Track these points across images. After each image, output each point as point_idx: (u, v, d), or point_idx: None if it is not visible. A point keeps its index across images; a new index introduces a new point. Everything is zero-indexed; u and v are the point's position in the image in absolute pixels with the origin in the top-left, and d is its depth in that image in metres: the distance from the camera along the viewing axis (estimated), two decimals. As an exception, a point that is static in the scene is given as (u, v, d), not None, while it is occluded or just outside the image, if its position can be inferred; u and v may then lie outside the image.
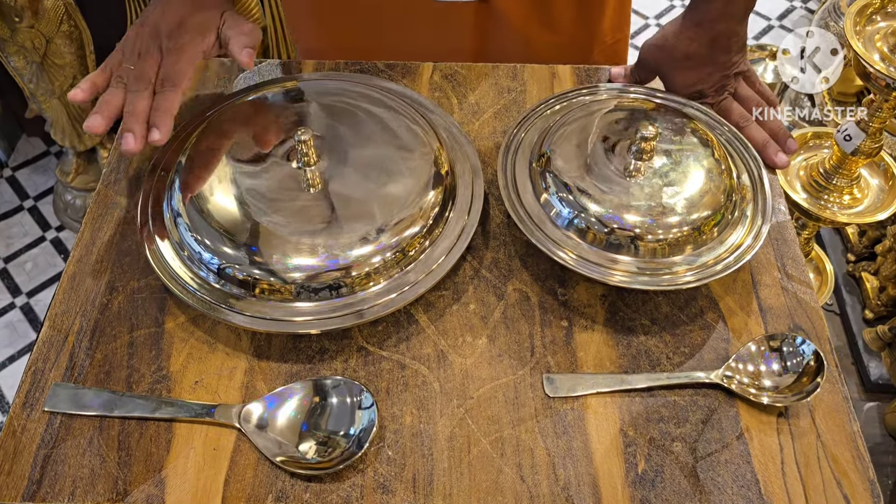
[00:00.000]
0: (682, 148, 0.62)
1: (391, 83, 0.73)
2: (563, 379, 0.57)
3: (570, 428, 0.55)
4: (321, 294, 0.57)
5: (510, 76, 0.79)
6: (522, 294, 0.62)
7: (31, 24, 1.38)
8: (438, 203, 0.62)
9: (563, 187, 0.61)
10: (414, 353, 0.59)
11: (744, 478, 0.53)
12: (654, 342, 0.60)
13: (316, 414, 0.53)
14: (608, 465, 0.53)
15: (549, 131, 0.65)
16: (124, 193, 0.68)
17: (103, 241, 0.65)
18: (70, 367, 0.57)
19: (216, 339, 0.59)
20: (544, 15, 0.84)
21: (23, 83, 1.49)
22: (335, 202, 0.60)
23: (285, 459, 0.51)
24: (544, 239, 0.60)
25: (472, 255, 0.64)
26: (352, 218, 0.59)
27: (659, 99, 0.70)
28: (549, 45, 0.85)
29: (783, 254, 0.65)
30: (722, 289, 0.63)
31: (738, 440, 0.55)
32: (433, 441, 0.54)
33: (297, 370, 0.58)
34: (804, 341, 0.57)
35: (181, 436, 0.54)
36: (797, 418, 0.56)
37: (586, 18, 0.86)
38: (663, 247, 0.59)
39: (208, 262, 0.58)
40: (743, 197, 0.62)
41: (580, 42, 0.88)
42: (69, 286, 0.62)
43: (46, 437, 0.54)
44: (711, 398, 0.57)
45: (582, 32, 0.87)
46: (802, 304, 0.62)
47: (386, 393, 0.56)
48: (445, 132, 0.68)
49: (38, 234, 1.80)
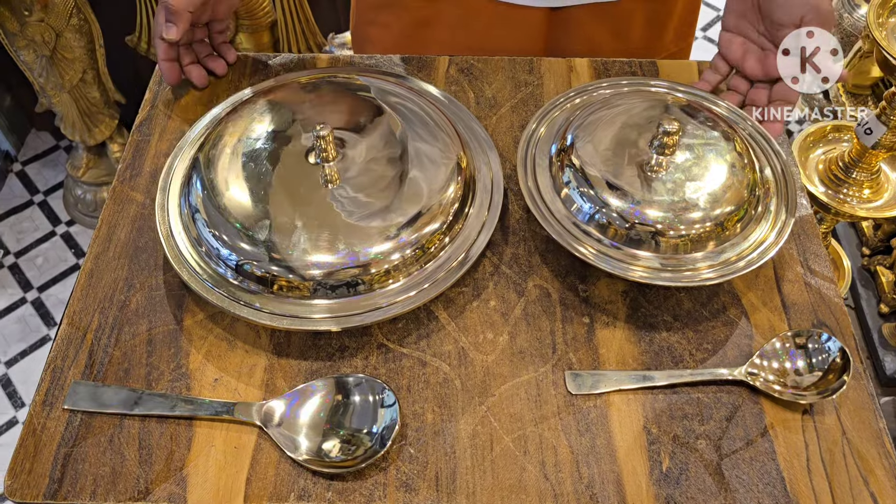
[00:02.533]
0: (705, 142, 0.61)
1: (408, 77, 0.73)
2: (585, 376, 0.56)
3: (592, 425, 0.54)
4: (340, 291, 0.57)
5: (527, 70, 0.78)
6: (543, 290, 0.61)
7: (41, 18, 1.37)
8: (458, 199, 0.61)
9: (585, 182, 0.60)
10: (434, 350, 0.58)
11: (769, 475, 0.52)
12: (676, 339, 0.59)
13: (339, 412, 0.53)
14: (632, 462, 0.53)
15: (570, 125, 0.64)
16: (140, 189, 0.68)
17: (120, 238, 0.64)
18: (89, 365, 0.57)
19: (235, 336, 0.59)
20: (614, 23, 0.85)
21: (32, 77, 1.48)
22: (354, 198, 0.59)
23: (308, 458, 0.51)
24: (565, 234, 0.59)
25: (492, 251, 0.64)
26: (371, 214, 0.59)
27: (681, 93, 0.69)
28: (614, 52, 0.86)
29: (806, 249, 0.64)
30: (744, 284, 0.62)
31: (763, 437, 0.54)
32: (455, 439, 0.54)
33: (317, 368, 0.57)
34: (830, 338, 0.56)
35: (202, 434, 0.54)
36: (822, 415, 0.55)
37: (654, 26, 0.87)
38: (685, 242, 0.58)
39: (226, 259, 0.58)
40: (766, 191, 0.61)
41: (645, 49, 0.89)
42: (87, 283, 0.62)
43: (67, 435, 0.54)
44: (735, 395, 0.56)
45: (648, 40, 0.88)
46: (826, 300, 0.61)
47: (407, 390, 0.56)
48: (464, 126, 0.68)
49: (49, 228, 1.80)
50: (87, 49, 1.48)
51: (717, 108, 0.68)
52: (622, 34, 0.87)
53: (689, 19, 0.90)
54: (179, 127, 0.73)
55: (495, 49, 0.84)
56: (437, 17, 0.86)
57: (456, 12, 0.85)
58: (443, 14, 0.86)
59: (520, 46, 0.86)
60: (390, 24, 0.90)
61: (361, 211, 0.59)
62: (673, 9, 0.87)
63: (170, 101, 0.75)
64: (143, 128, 0.73)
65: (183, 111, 0.74)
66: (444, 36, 0.87)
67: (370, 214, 0.59)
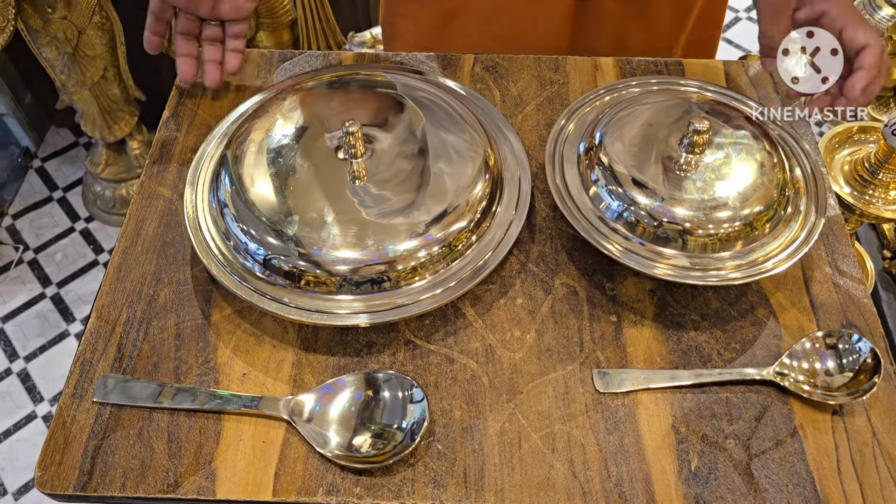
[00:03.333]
0: (734, 141, 0.61)
1: (434, 74, 0.73)
2: (613, 374, 0.56)
3: (621, 424, 0.54)
4: (367, 287, 0.57)
5: (552, 68, 0.78)
6: (570, 288, 0.61)
7: (64, 16, 1.38)
8: (486, 196, 0.61)
9: (613, 180, 0.60)
10: (462, 347, 0.58)
11: (799, 476, 0.52)
12: (704, 338, 0.59)
13: (369, 407, 0.53)
14: (661, 461, 0.53)
15: (599, 123, 0.64)
16: (167, 185, 0.68)
17: (148, 232, 0.65)
18: (118, 359, 0.57)
19: (263, 331, 0.59)
20: (641, 14, 0.85)
21: (54, 74, 1.49)
22: (382, 195, 0.59)
23: (338, 453, 0.51)
24: (593, 231, 0.59)
25: (519, 249, 0.64)
26: (398, 211, 0.59)
27: (710, 92, 0.69)
28: (640, 43, 0.87)
29: (834, 249, 0.64)
30: (773, 284, 0.62)
31: (793, 438, 0.54)
32: (483, 436, 0.54)
33: (344, 363, 0.57)
34: (860, 339, 0.56)
35: (230, 428, 0.54)
36: (852, 416, 0.55)
37: (680, 15, 0.87)
38: (714, 242, 0.58)
39: (255, 253, 0.58)
40: (797, 191, 0.61)
41: (670, 38, 0.89)
42: (115, 277, 0.62)
43: (96, 427, 0.54)
44: (764, 395, 0.56)
45: (673, 29, 0.88)
46: (855, 301, 0.61)
47: (435, 387, 0.56)
48: (491, 124, 0.68)
49: (68, 224, 1.81)
50: (109, 46, 1.49)
51: (745, 109, 0.67)
52: (648, 24, 0.87)
53: (715, 6, 0.89)
54: (206, 123, 0.73)
55: (523, 40, 0.84)
56: (464, 9, 0.86)
57: (484, 4, 0.85)
58: (470, 6, 0.86)
59: (547, 37, 0.86)
60: (418, 16, 0.90)
61: (389, 208, 0.59)
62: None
63: (196, 98, 0.75)
64: (170, 123, 0.73)
65: (209, 107, 0.75)
66: (471, 27, 0.87)
67: (397, 211, 0.59)
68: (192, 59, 0.74)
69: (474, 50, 0.80)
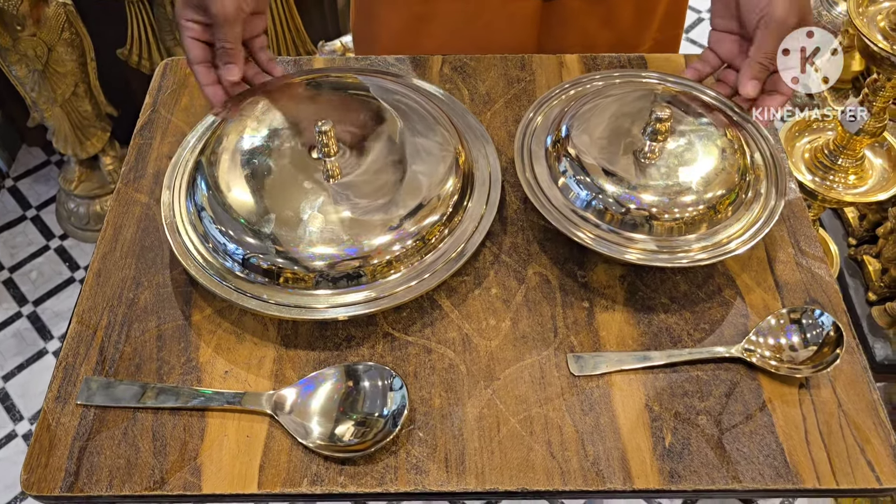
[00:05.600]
0: (696, 128, 0.63)
1: (404, 74, 0.74)
2: (587, 358, 0.58)
3: (596, 405, 0.56)
4: (344, 282, 0.58)
5: (519, 66, 0.80)
6: (543, 277, 0.63)
7: (33, 33, 1.38)
8: (457, 191, 0.63)
9: (581, 170, 0.62)
10: (439, 337, 0.59)
11: (769, 447, 0.54)
12: (674, 319, 0.61)
13: (350, 397, 0.54)
14: (636, 439, 0.54)
15: (565, 116, 0.66)
16: (144, 191, 0.69)
17: (126, 237, 0.66)
18: (100, 362, 0.58)
19: (243, 329, 0.60)
20: (605, 14, 0.87)
21: (25, 92, 1.49)
22: (356, 192, 0.61)
23: (321, 443, 0.52)
24: (563, 220, 0.61)
25: (492, 241, 0.65)
26: (372, 207, 0.60)
27: (671, 82, 0.71)
28: (606, 43, 0.88)
29: (796, 231, 0.66)
30: (738, 266, 0.64)
31: (762, 412, 0.56)
32: (463, 422, 0.55)
33: (324, 357, 0.58)
34: (822, 313, 0.58)
35: (214, 425, 0.55)
36: (818, 389, 0.57)
37: (643, 15, 0.89)
38: (679, 225, 0.60)
39: (233, 253, 0.59)
40: (757, 176, 0.63)
41: (635, 38, 0.91)
42: (95, 283, 0.63)
43: (81, 429, 0.55)
44: (733, 372, 0.58)
45: (638, 28, 0.90)
46: (817, 279, 0.63)
47: (414, 377, 0.57)
48: (460, 121, 0.69)
49: (42, 242, 1.80)
50: (79, 63, 1.49)
51: (706, 97, 0.69)
52: (612, 23, 0.88)
53: (677, 6, 0.92)
54: (180, 129, 0.74)
55: (492, 43, 0.86)
56: (433, 13, 0.88)
57: (453, 7, 0.87)
58: (439, 9, 0.87)
59: (515, 39, 0.88)
60: (390, 21, 0.91)
61: (362, 204, 0.60)
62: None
63: (170, 105, 0.76)
64: (145, 131, 0.74)
65: (184, 113, 0.76)
66: (442, 32, 0.88)
67: (371, 207, 0.60)
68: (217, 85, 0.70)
69: (445, 54, 0.82)
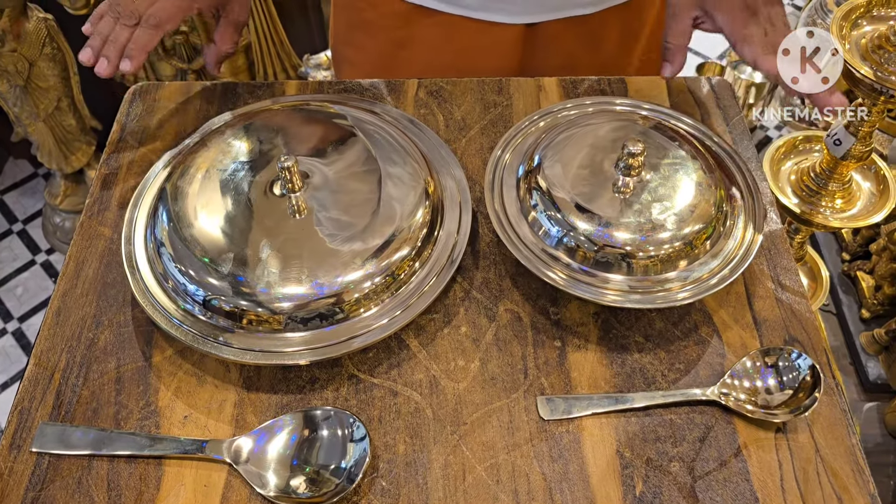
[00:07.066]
0: (671, 161, 0.61)
1: (376, 102, 0.73)
2: (557, 401, 0.56)
3: (565, 451, 0.54)
4: (310, 324, 0.56)
5: (496, 90, 0.78)
6: (514, 314, 0.61)
7: (14, 48, 1.37)
8: (427, 223, 0.61)
9: (552, 205, 0.60)
10: (406, 379, 0.58)
11: (743, 496, 0.52)
12: (648, 359, 0.59)
13: (306, 447, 0.52)
14: (605, 488, 0.52)
15: (536, 148, 0.64)
16: (108, 224, 0.67)
17: (88, 274, 0.64)
18: (57, 406, 0.56)
19: (205, 371, 0.58)
20: (589, 37, 0.86)
21: (7, 107, 1.48)
22: (321, 228, 0.59)
23: (277, 495, 0.50)
24: (534, 259, 0.59)
25: (463, 276, 0.63)
26: (338, 244, 0.58)
27: (645, 111, 0.69)
28: (590, 66, 0.87)
29: (776, 264, 0.64)
30: (716, 302, 0.62)
31: (737, 458, 0.54)
32: (427, 470, 0.53)
33: (287, 401, 0.57)
34: (800, 355, 0.56)
35: (171, 473, 0.53)
36: (795, 433, 0.55)
37: (628, 37, 0.88)
38: (655, 263, 0.58)
39: (193, 294, 0.57)
40: (734, 208, 0.62)
41: (621, 59, 0.90)
42: (54, 322, 0.61)
43: (34, 479, 0.53)
44: (708, 415, 0.56)
45: (623, 50, 0.89)
46: (797, 315, 0.61)
47: (378, 421, 0.55)
48: (431, 150, 0.68)
49: (29, 257, 1.79)
50: (62, 77, 1.48)
51: (681, 126, 0.68)
52: (597, 46, 0.87)
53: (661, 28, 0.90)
54: (147, 159, 0.72)
55: (472, 68, 0.84)
56: (412, 39, 0.86)
57: (432, 32, 0.85)
58: (417, 35, 0.86)
59: (497, 63, 0.86)
60: (367, 47, 0.90)
61: (329, 241, 0.58)
62: (646, 19, 0.88)
63: (138, 134, 0.75)
64: (111, 161, 0.72)
65: (151, 142, 0.74)
66: (420, 57, 0.87)
67: (338, 244, 0.58)
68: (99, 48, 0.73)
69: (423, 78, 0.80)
